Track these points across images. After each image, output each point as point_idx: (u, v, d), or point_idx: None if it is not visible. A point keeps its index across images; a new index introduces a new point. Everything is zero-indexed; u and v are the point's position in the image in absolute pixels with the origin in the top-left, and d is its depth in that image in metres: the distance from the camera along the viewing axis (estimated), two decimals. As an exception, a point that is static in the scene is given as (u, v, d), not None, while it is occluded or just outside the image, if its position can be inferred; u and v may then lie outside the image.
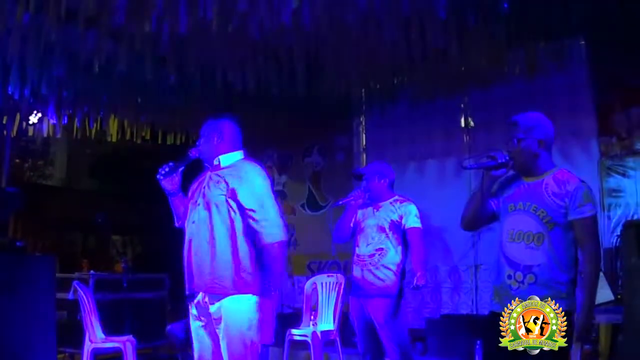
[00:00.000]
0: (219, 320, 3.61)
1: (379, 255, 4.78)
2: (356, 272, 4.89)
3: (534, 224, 3.25)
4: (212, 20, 4.98)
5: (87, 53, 6.01)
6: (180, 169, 3.87)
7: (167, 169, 3.83)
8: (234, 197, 3.71)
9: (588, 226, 3.21)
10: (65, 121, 8.08)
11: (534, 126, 3.35)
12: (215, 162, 3.86)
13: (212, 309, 3.62)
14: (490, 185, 3.40)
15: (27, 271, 5.75)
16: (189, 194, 3.93)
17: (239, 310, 3.61)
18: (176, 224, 4.00)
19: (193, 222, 3.76)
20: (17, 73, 6.19)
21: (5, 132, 8.49)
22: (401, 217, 4.82)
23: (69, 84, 6.77)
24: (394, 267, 4.77)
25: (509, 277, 3.28)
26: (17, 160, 12.32)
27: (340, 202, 5.05)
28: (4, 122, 8.04)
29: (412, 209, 4.87)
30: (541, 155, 3.33)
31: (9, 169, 8.75)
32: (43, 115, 7.85)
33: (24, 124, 8.07)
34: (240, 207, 3.71)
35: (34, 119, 8.07)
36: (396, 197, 4.97)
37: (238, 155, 3.90)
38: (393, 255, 4.79)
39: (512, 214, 3.37)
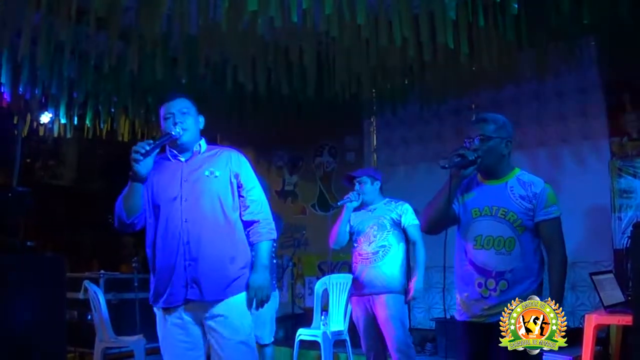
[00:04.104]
0: (221, 322, 3.26)
1: (383, 252, 4.97)
2: (359, 270, 5.05)
3: (504, 229, 3.17)
4: (223, 19, 4.99)
5: (98, 53, 6.04)
6: (157, 151, 3.22)
7: (147, 148, 3.13)
8: (239, 187, 3.42)
9: (555, 227, 3.17)
10: (76, 121, 8.11)
11: (502, 126, 3.31)
12: (196, 148, 3.44)
13: (216, 311, 3.26)
14: (458, 184, 3.27)
15: (38, 271, 5.77)
16: (153, 187, 3.39)
17: (244, 308, 3.34)
18: (126, 220, 3.32)
19: (186, 220, 3.25)
20: (28, 73, 6.21)
21: (16, 132, 8.52)
22: (400, 216, 5.04)
23: (79, 84, 6.79)
24: (398, 263, 4.97)
25: (479, 285, 3.19)
26: (28, 161, 12.33)
27: (340, 203, 5.21)
28: (15, 122, 8.07)
29: (408, 207, 5.11)
30: (507, 156, 3.29)
31: (20, 169, 8.76)
32: (54, 115, 7.87)
33: (35, 124, 8.10)
34: (239, 197, 3.43)
35: (44, 119, 8.10)
36: (388, 199, 5.20)
37: (204, 141, 3.54)
38: (396, 251, 4.98)
39: (478, 220, 3.26)
